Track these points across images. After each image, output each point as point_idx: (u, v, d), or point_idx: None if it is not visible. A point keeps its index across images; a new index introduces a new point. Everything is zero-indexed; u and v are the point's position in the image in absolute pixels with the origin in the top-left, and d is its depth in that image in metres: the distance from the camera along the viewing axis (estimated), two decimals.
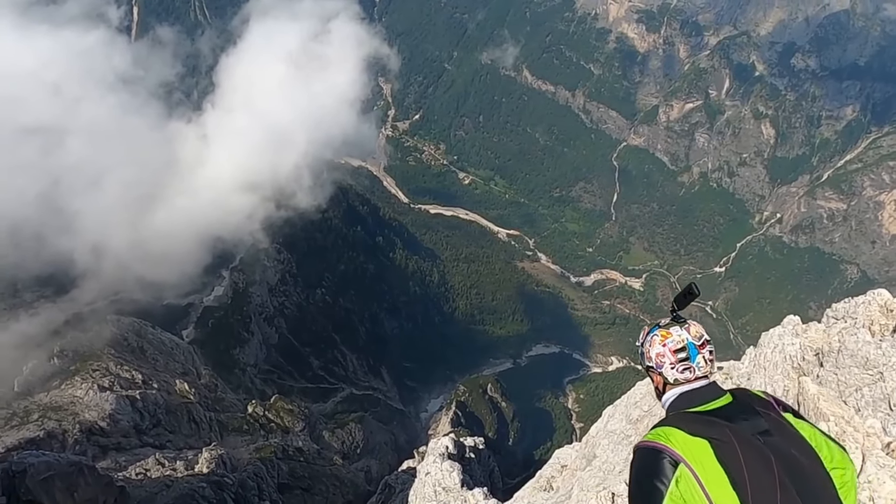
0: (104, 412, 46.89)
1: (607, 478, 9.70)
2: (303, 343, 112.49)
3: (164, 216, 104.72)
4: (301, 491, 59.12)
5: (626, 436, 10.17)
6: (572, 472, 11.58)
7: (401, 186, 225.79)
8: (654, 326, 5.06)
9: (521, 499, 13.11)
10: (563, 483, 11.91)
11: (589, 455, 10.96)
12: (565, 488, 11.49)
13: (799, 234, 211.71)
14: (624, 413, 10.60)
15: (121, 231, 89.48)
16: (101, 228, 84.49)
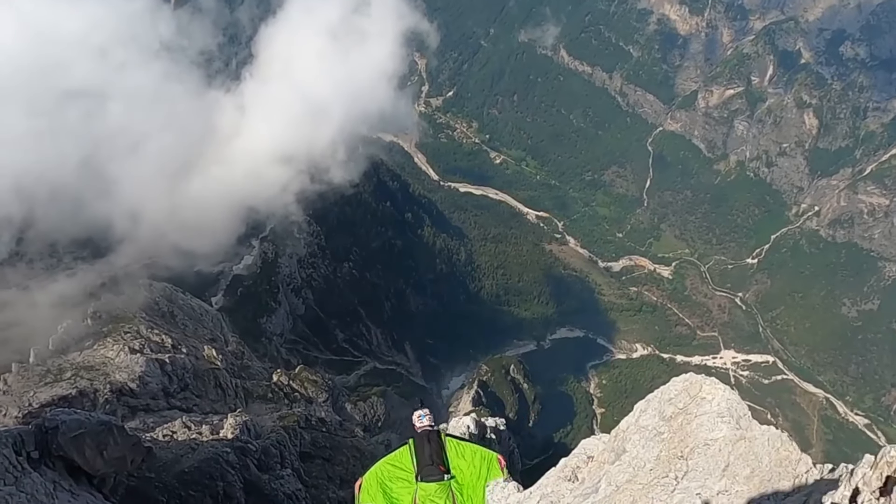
0: (134, 374, 47.80)
1: (637, 474, 9.46)
2: (329, 315, 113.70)
3: (200, 185, 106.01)
4: (322, 461, 59.85)
5: (658, 432, 9.88)
6: (600, 464, 11.34)
7: (431, 163, 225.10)
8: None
9: (544, 486, 12.90)
10: (588, 475, 11.69)
11: (618, 449, 10.71)
12: (591, 480, 11.26)
13: (837, 228, 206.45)
14: (657, 409, 10.30)
15: (157, 198, 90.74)
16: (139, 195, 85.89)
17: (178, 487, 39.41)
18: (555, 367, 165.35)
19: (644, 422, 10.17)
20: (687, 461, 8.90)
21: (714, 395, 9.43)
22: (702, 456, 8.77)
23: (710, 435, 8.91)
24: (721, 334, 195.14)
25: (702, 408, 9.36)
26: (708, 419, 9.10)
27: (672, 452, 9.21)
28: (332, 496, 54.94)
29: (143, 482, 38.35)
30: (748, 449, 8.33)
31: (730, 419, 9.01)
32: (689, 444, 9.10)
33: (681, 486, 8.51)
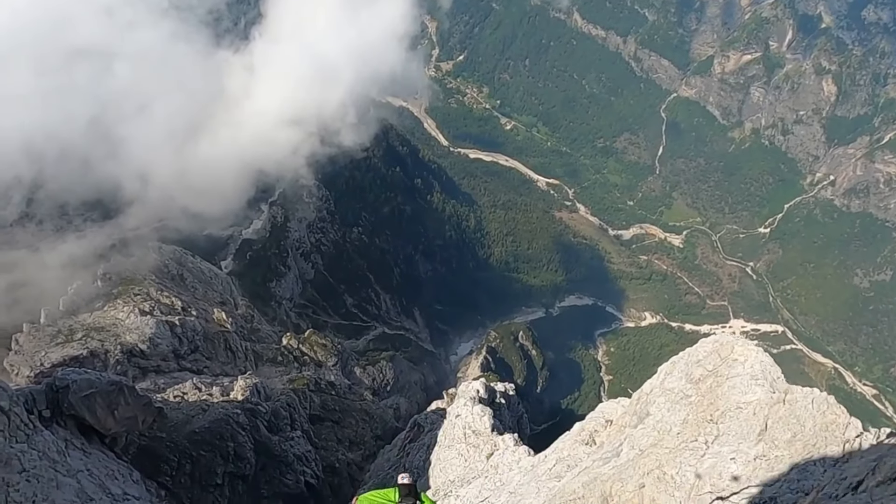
0: (144, 335, 47.92)
1: (663, 438, 9.02)
2: (338, 280, 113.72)
3: (209, 147, 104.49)
4: (331, 423, 60.34)
5: (684, 395, 9.42)
6: (620, 428, 10.95)
7: (441, 129, 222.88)
8: None
9: (560, 450, 12.59)
10: (607, 438, 11.31)
11: (641, 412, 10.28)
12: (611, 444, 10.88)
13: (852, 198, 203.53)
14: (684, 371, 9.81)
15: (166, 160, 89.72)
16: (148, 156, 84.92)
17: (189, 447, 39.73)
18: (563, 334, 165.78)
19: (670, 384, 9.69)
20: (717, 425, 8.45)
21: (747, 357, 8.92)
22: (734, 420, 8.31)
23: (742, 398, 8.44)
24: (731, 304, 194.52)
25: (734, 370, 8.87)
26: (741, 381, 8.61)
27: (700, 416, 8.76)
28: (342, 458, 55.47)
29: (154, 442, 38.68)
30: (789, 412, 7.85)
31: (764, 381, 8.53)
32: (720, 407, 8.64)
33: (711, 450, 8.07)
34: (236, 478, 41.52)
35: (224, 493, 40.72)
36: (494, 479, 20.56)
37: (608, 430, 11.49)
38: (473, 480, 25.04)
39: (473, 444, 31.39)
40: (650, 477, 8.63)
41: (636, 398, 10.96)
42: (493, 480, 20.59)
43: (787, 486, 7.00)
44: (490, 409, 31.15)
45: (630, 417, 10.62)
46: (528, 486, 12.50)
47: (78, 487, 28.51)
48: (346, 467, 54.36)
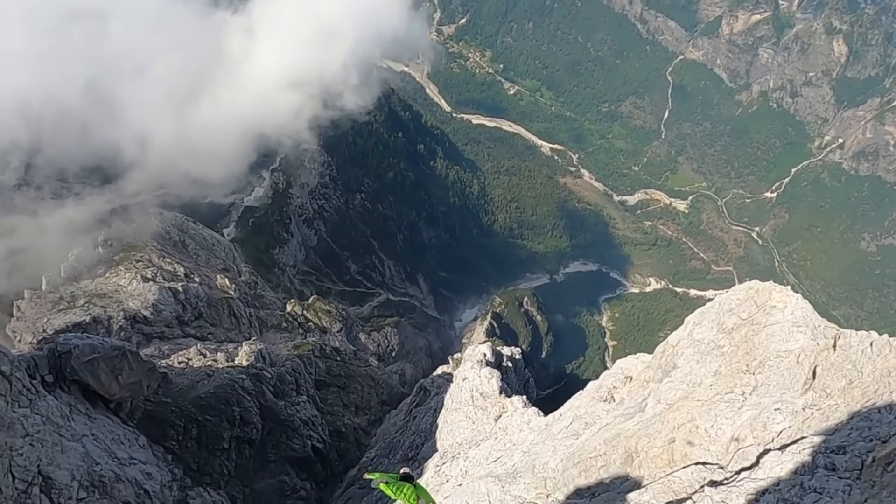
0: (147, 301, 47.54)
1: (694, 391, 8.39)
2: (341, 247, 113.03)
3: (209, 110, 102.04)
4: (337, 389, 60.36)
5: (716, 345, 8.77)
6: (642, 383, 10.35)
7: (444, 94, 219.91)
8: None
9: (576, 407, 12.03)
10: (628, 394, 10.72)
11: (666, 366, 9.65)
12: (633, 400, 10.28)
13: (861, 161, 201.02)
14: (715, 321, 9.14)
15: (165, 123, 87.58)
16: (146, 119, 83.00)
17: (195, 412, 39.58)
18: (568, 300, 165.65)
19: (699, 335, 9.02)
20: (754, 375, 7.80)
21: (786, 303, 8.25)
22: (774, 369, 7.67)
23: (783, 346, 7.79)
24: (736, 269, 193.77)
25: (772, 317, 8.19)
26: (781, 329, 7.95)
27: (735, 367, 8.11)
28: (348, 422, 55.56)
29: (159, 407, 38.51)
30: (842, 358, 7.21)
31: (805, 328, 7.86)
32: (757, 356, 7.98)
33: (750, 401, 7.44)
34: (243, 442, 41.51)
35: (231, 457, 40.74)
36: (504, 441, 20.14)
37: (629, 387, 10.91)
38: (482, 442, 24.70)
39: (481, 407, 31.03)
40: (681, 431, 8.06)
41: (660, 351, 10.32)
42: (503, 441, 20.16)
43: (857, 435, 6.40)
44: (498, 372, 30.72)
45: (654, 372, 10.01)
46: (544, 444, 11.98)
47: (83, 452, 28.32)
48: (353, 432, 54.48)
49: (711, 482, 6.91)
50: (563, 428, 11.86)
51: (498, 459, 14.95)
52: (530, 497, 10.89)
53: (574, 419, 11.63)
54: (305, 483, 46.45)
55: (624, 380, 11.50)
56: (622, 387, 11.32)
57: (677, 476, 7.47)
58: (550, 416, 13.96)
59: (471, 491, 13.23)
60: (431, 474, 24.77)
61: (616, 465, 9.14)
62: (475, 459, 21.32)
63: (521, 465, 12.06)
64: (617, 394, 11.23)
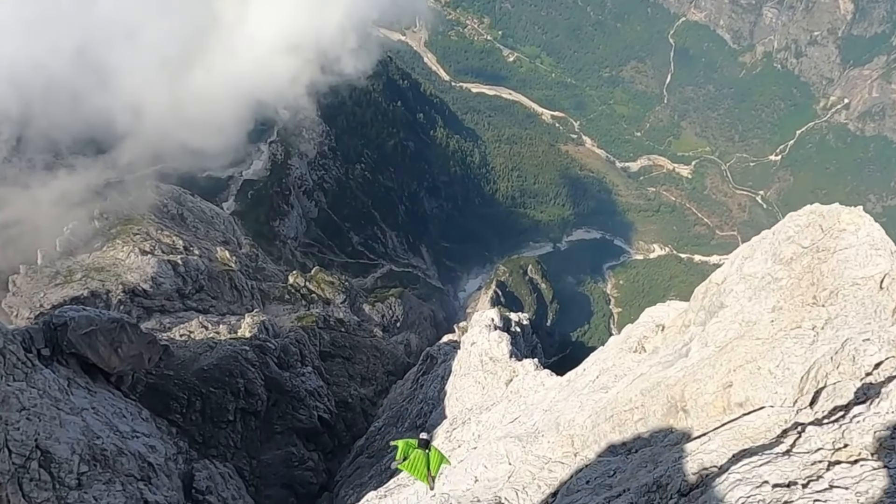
0: (146, 275, 46.69)
1: (751, 329, 7.34)
2: (342, 218, 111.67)
3: (203, 77, 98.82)
4: (342, 360, 59.84)
5: (773, 279, 7.74)
6: (680, 328, 9.34)
7: (442, 63, 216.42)
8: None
9: (601, 361, 11.06)
10: (663, 342, 9.72)
11: (711, 307, 8.62)
12: (671, 347, 9.26)
13: (866, 121, 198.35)
14: (769, 252, 8.09)
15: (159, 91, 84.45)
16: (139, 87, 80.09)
17: (199, 385, 38.92)
18: (571, 268, 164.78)
19: (750, 269, 7.96)
20: (825, 307, 6.75)
21: (859, 225, 7.18)
22: (850, 299, 6.63)
23: (860, 272, 6.74)
24: (740, 234, 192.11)
25: (843, 241, 7.13)
26: (855, 253, 6.89)
27: (798, 300, 7.07)
28: (354, 393, 55.05)
29: (162, 379, 37.84)
30: None
31: (884, 251, 6.79)
32: (827, 286, 6.93)
33: (825, 335, 6.41)
34: (248, 414, 40.98)
35: (237, 428, 40.24)
36: (518, 403, 19.22)
37: (662, 335, 9.91)
38: (493, 407, 23.87)
39: (491, 371, 30.16)
40: (740, 374, 7.06)
41: (702, 292, 9.28)
42: (517, 404, 19.25)
43: None
44: (507, 335, 29.79)
45: (695, 315, 8.98)
46: (568, 401, 11.04)
47: (83, 425, 27.57)
48: (360, 402, 54.05)
49: (797, 424, 5.92)
50: (588, 383, 10.89)
51: (515, 420, 14.04)
52: (556, 456, 9.97)
53: (601, 373, 10.68)
54: (313, 454, 46.07)
55: (655, 328, 10.48)
56: (654, 336, 10.32)
57: (747, 422, 6.48)
58: (572, 373, 13.00)
59: (488, 453, 12.33)
60: (442, 440, 23.98)
61: (656, 416, 8.18)
62: (488, 423, 20.43)
63: (543, 424, 11.13)
64: (648, 343, 10.23)
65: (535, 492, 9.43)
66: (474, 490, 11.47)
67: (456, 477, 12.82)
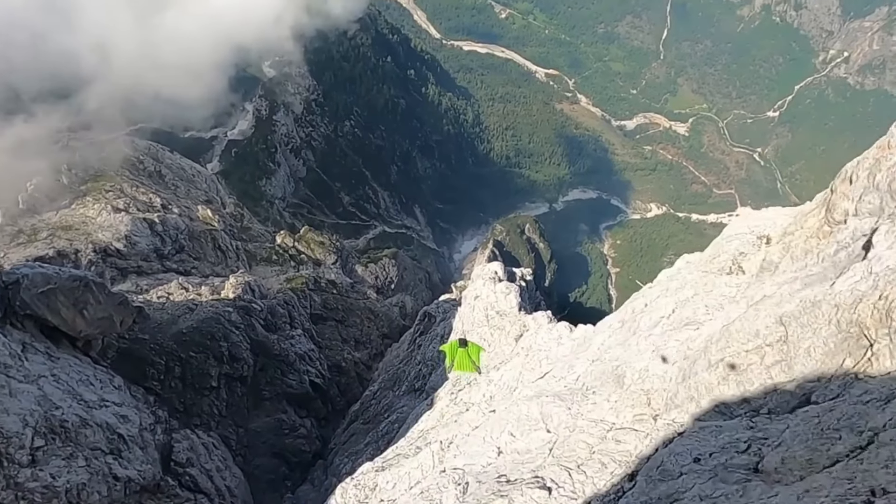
0: (119, 233, 43.26)
1: None
2: (332, 178, 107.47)
3: (177, 16, 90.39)
4: (335, 322, 57.09)
5: None
6: (817, 233, 6.25)
7: (432, 21, 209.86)
8: None
9: (675, 289, 7.99)
10: (786, 255, 6.64)
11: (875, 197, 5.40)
12: (808, 259, 6.10)
13: (867, 74, 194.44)
14: None
15: (128, 31, 76.81)
16: (106, 28, 73.02)
17: (177, 349, 35.89)
18: (569, 228, 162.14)
19: None
20: None
21: None
22: None
23: None
24: (738, 192, 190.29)
25: None
26: None
27: None
28: (348, 357, 52.25)
29: (136, 344, 34.75)
30: None
31: None
32: None
33: None
34: (233, 380, 38.18)
35: (221, 395, 37.44)
36: (538, 357, 16.16)
37: (778, 247, 6.88)
38: (502, 365, 20.94)
39: (498, 327, 27.12)
40: None
41: (868, 167, 6.11)
42: (536, 359, 16.18)
43: None
44: (515, 286, 26.71)
45: (855, 204, 5.86)
46: (628, 346, 8.09)
47: (40, 395, 24.37)
48: (354, 366, 51.53)
49: None
50: (657, 320, 7.94)
51: (547, 375, 11.06)
52: (623, 421, 7.05)
53: (678, 305, 7.72)
54: (305, 420, 43.48)
55: (757, 242, 7.44)
56: (755, 251, 7.29)
57: None
58: (622, 312, 9.99)
59: (515, 417, 9.36)
60: (446, 403, 21.05)
61: (816, 355, 5.22)
62: (501, 382, 17.37)
63: (593, 378, 8.23)
64: (748, 261, 7.23)
65: (597, 471, 6.54)
66: (499, 465, 8.54)
67: (471, 447, 9.88)
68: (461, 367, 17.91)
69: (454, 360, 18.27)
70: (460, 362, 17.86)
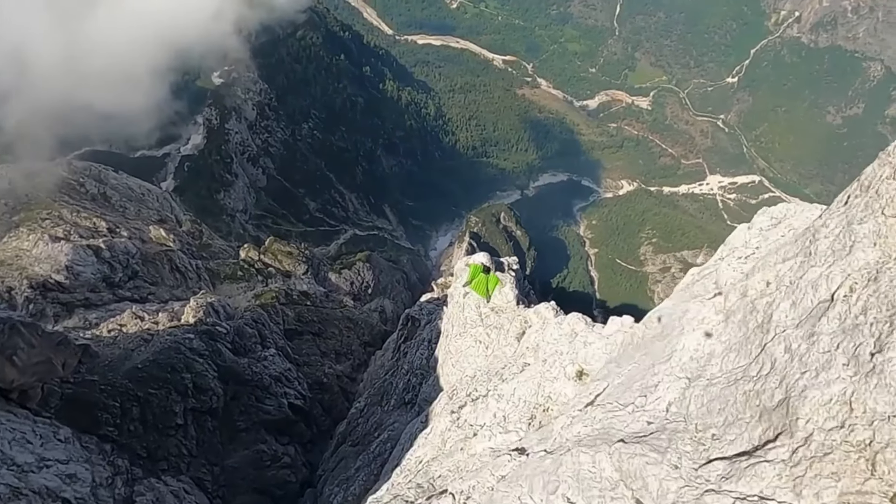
0: (59, 264, 38.99)
1: None
2: (295, 184, 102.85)
3: (106, 19, 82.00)
4: (311, 336, 53.31)
5: None
6: None
7: (383, 17, 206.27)
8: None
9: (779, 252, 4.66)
10: None
11: None
12: None
13: (819, 32, 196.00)
14: None
15: (49, 40, 68.46)
16: (23, 36, 64.93)
17: (133, 387, 31.77)
18: (543, 213, 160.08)
19: None
20: None
21: None
22: None
23: None
24: (706, 160, 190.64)
25: None
26: None
27: None
28: (329, 371, 48.63)
29: (84, 387, 30.53)
30: None
31: None
32: None
33: None
34: (202, 414, 34.25)
35: (189, 433, 33.45)
36: (559, 362, 12.76)
37: None
38: (506, 370, 17.68)
39: (495, 325, 23.62)
40: None
41: None
42: (559, 364, 12.79)
43: None
44: (509, 276, 23.29)
45: None
46: (771, 353, 4.77)
47: None
48: (336, 381, 47.91)
49: None
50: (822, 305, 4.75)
51: (601, 399, 7.56)
52: None
53: None
54: (288, 448, 39.76)
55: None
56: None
57: None
58: (728, 300, 6.63)
59: (573, 473, 5.91)
60: (446, 424, 17.56)
61: None
62: (517, 399, 14.06)
63: (708, 411, 4.86)
64: None
65: None
66: None
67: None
68: (477, 289, 20.08)
69: (473, 280, 20.40)
70: (478, 284, 20.05)
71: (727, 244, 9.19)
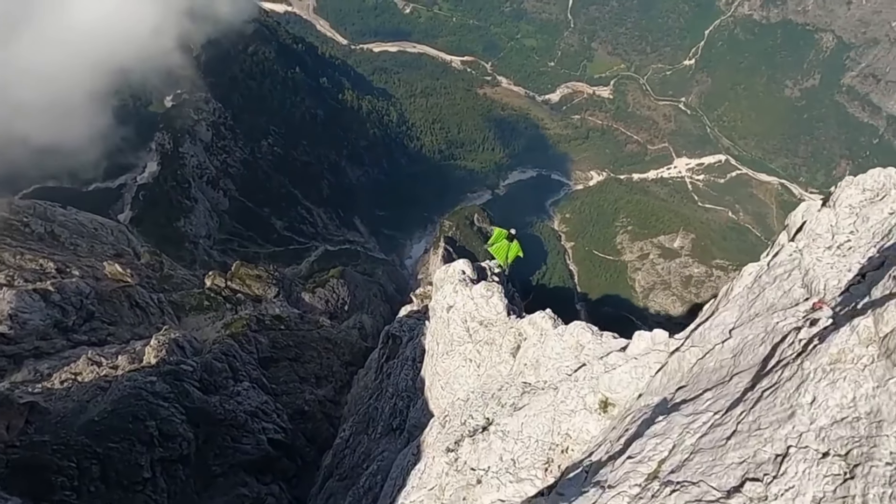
0: (2, 313, 35.69)
1: None
2: (259, 204, 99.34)
3: (32, 43, 75.91)
4: (289, 361, 50.53)
5: None
6: None
7: (336, 28, 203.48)
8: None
9: None
10: None
11: None
12: None
13: (770, 8, 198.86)
14: None
15: None
16: None
17: (90, 443, 28.76)
18: (515, 211, 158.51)
19: None
20: None
21: None
22: None
23: None
24: (671, 144, 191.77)
25: None
26: None
27: None
28: (310, 398, 46.04)
29: (33, 450, 27.46)
30: None
31: None
32: None
33: None
34: (172, 463, 31.32)
35: (159, 486, 30.52)
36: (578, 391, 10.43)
37: None
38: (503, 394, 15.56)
39: (486, 341, 21.22)
40: None
41: None
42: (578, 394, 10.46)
43: None
44: (497, 286, 20.91)
45: None
46: None
47: None
48: (319, 407, 45.31)
49: None
50: None
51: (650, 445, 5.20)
52: None
53: None
54: (272, 486, 37.01)
55: None
56: None
57: None
58: None
59: None
60: (443, 466, 15.17)
61: None
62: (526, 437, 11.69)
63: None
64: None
65: None
66: None
67: None
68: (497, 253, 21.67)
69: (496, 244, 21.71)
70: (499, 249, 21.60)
71: (805, 231, 6.98)
